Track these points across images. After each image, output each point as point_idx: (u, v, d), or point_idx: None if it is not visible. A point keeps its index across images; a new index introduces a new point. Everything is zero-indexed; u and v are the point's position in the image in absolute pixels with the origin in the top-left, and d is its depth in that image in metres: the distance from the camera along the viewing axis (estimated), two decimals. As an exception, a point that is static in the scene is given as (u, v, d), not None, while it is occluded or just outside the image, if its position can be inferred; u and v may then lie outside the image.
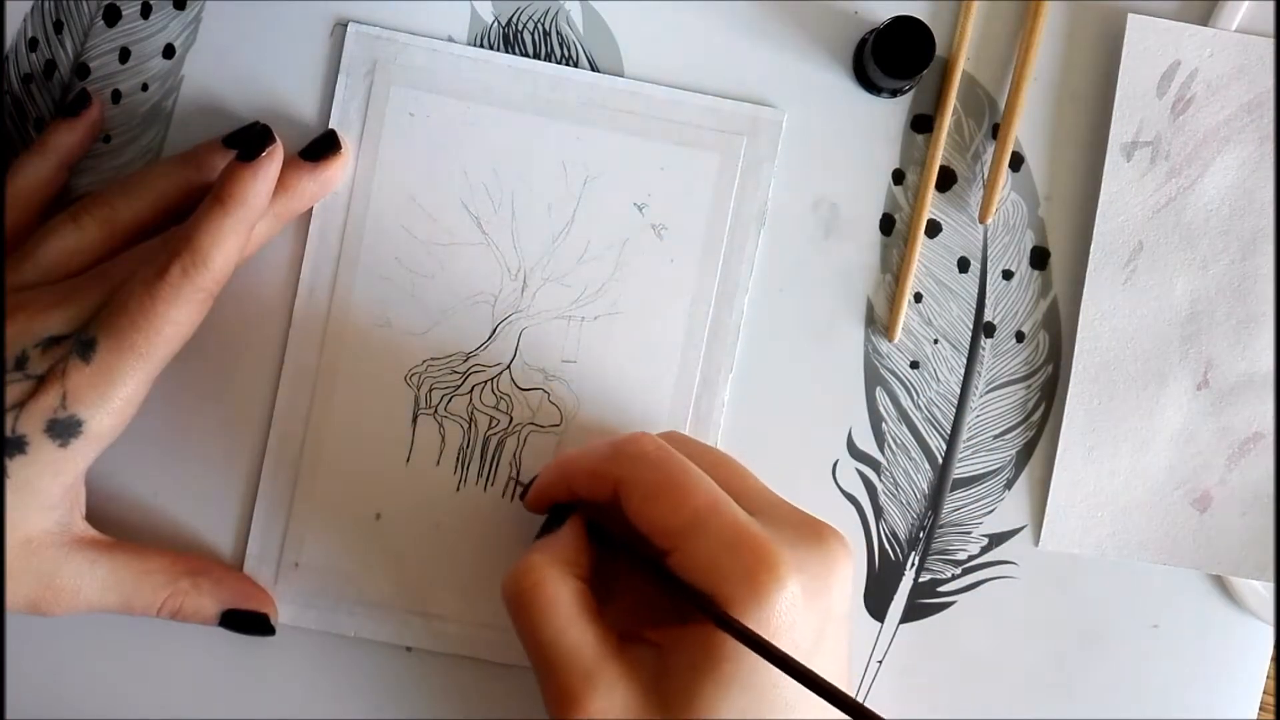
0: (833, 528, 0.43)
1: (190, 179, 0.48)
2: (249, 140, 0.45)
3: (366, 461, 0.49)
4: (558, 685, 0.40)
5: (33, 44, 0.50)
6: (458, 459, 0.50)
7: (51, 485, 0.44)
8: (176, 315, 0.44)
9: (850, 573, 0.43)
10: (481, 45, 0.50)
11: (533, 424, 0.50)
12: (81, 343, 0.43)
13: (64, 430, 0.43)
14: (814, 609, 0.40)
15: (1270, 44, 0.50)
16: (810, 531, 0.42)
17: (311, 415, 0.49)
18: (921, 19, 0.48)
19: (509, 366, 0.50)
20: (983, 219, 0.51)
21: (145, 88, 0.50)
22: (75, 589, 0.45)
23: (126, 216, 0.47)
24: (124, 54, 0.50)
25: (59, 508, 0.45)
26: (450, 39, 0.50)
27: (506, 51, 0.50)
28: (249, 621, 0.48)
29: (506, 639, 0.50)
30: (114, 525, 0.49)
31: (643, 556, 0.43)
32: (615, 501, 0.43)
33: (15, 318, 0.44)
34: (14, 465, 0.43)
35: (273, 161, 0.45)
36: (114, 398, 0.43)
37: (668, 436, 0.45)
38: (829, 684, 0.37)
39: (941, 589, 0.51)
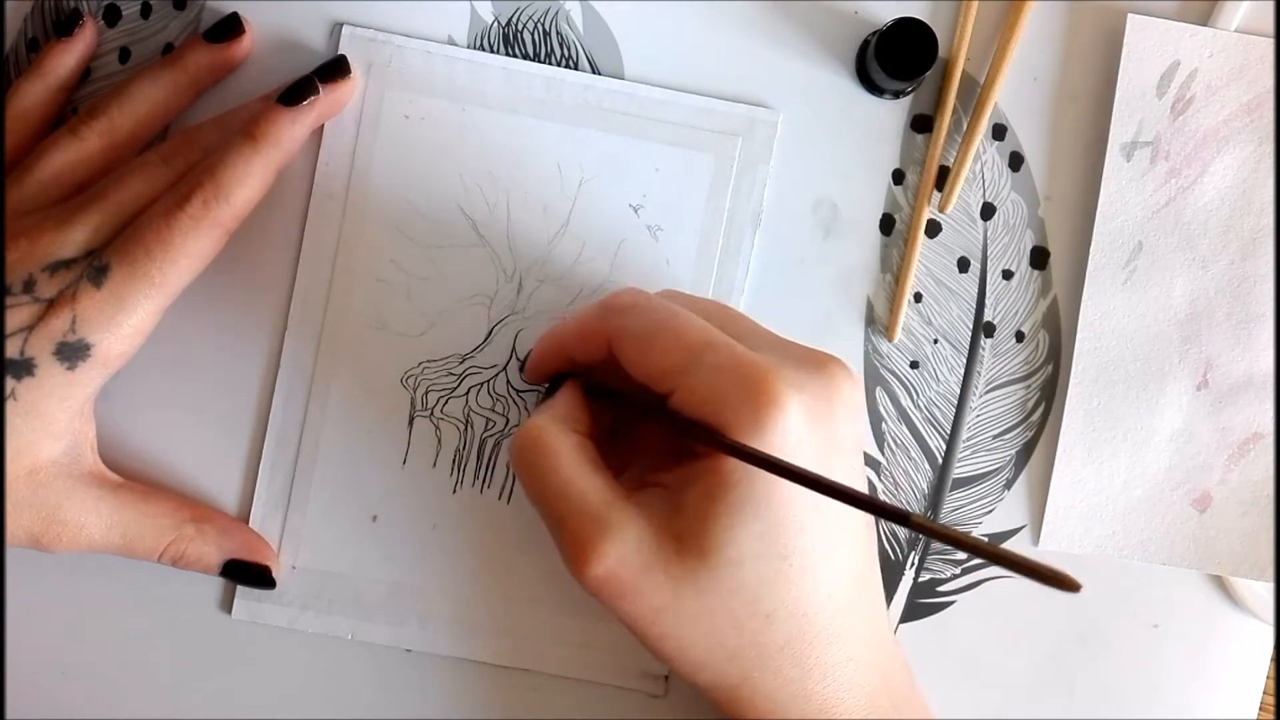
0: (836, 357, 0.41)
1: (178, 80, 0.48)
2: (295, 88, 0.47)
3: (363, 464, 0.50)
4: (570, 535, 0.40)
5: (33, 44, 0.50)
6: (454, 461, 0.50)
7: (58, 410, 0.44)
8: (192, 247, 0.44)
9: (856, 399, 0.41)
10: (481, 46, 0.50)
11: (529, 426, 0.50)
12: (95, 268, 0.43)
13: (72, 353, 0.43)
14: (818, 431, 0.39)
15: (1270, 44, 0.50)
16: (811, 359, 0.41)
17: (308, 418, 0.49)
18: (923, 20, 0.48)
19: (505, 368, 0.50)
20: (942, 208, 0.50)
21: (145, 88, 0.51)
22: (79, 524, 0.45)
23: (125, 126, 0.47)
24: (124, 54, 0.50)
25: (66, 436, 0.45)
26: (450, 39, 0.50)
27: (506, 52, 0.50)
28: (251, 573, 0.48)
29: (504, 642, 0.50)
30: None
31: (643, 401, 0.42)
32: (611, 359, 0.42)
33: (18, 243, 0.44)
34: (22, 388, 0.43)
35: (312, 111, 0.47)
36: (124, 324, 0.44)
37: (665, 294, 0.45)
38: (841, 485, 0.36)
39: (941, 589, 0.51)
